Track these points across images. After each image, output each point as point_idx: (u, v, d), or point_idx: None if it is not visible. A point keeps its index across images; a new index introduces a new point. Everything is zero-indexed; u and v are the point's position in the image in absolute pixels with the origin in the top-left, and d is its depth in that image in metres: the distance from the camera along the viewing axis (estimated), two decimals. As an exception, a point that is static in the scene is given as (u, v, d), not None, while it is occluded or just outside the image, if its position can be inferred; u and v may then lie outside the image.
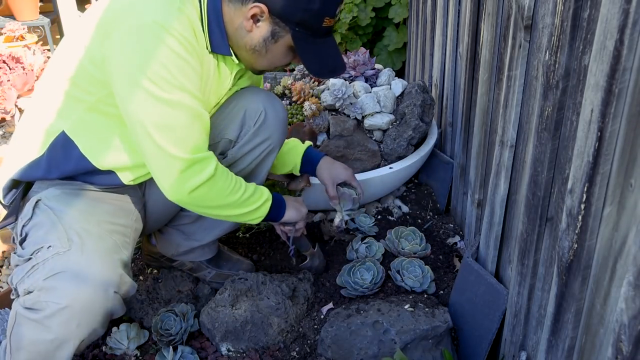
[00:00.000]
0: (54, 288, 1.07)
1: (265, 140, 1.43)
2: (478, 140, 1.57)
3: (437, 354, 1.39)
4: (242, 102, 1.41)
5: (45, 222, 1.17)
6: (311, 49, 1.26)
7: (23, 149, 1.26)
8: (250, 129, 1.41)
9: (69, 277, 1.08)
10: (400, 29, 2.88)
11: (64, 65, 1.21)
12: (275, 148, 1.47)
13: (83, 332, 1.11)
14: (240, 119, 1.40)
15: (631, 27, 0.73)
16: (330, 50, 1.29)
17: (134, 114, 1.14)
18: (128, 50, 1.10)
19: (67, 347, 1.10)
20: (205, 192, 1.23)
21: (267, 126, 1.42)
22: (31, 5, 3.44)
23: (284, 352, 1.45)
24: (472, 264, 1.44)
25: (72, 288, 1.08)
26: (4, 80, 2.23)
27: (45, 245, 1.13)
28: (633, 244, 0.75)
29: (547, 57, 1.02)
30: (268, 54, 1.28)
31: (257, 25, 1.23)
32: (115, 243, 1.21)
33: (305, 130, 1.84)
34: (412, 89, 1.96)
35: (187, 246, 1.57)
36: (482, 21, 1.50)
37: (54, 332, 1.07)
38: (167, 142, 1.15)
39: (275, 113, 1.43)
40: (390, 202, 2.01)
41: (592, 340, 0.90)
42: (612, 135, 0.79)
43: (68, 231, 1.15)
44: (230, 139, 1.42)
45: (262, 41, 1.25)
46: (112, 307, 1.15)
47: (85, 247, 1.13)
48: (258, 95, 1.43)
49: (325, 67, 1.30)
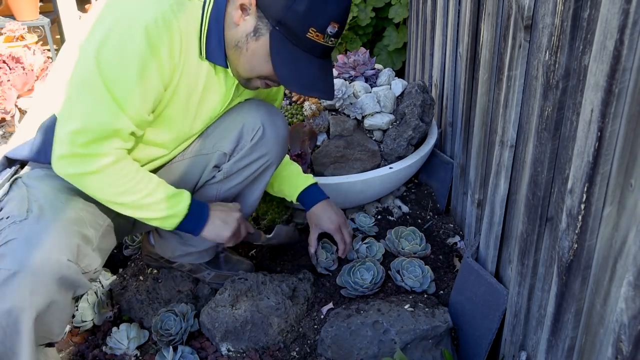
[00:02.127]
0: (5, 255, 1.06)
1: (262, 156, 1.39)
2: (478, 140, 1.57)
3: (437, 354, 1.39)
4: (241, 116, 1.37)
5: (17, 196, 1.17)
6: (287, 56, 1.16)
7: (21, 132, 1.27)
8: (246, 144, 1.37)
9: (20, 244, 1.07)
10: (400, 29, 2.88)
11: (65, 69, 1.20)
12: (272, 165, 1.43)
13: (38, 301, 1.08)
14: (237, 133, 1.37)
15: (631, 27, 0.73)
16: (312, 68, 1.18)
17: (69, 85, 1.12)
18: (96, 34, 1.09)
19: (25, 316, 1.07)
20: (82, 183, 1.17)
21: (265, 143, 1.38)
22: (31, 5, 3.45)
23: (284, 352, 1.45)
24: (472, 264, 1.44)
25: (22, 253, 1.06)
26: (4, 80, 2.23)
27: (5, 217, 1.13)
28: (633, 244, 0.75)
29: (547, 57, 1.02)
30: (248, 52, 1.19)
31: (245, 18, 1.17)
32: (81, 218, 1.18)
33: (305, 130, 1.84)
34: (412, 89, 1.96)
35: (183, 251, 1.56)
36: (482, 21, 1.50)
37: (9, 301, 1.05)
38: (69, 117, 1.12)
39: (275, 130, 1.38)
40: (390, 202, 2.01)
41: (592, 340, 0.90)
42: (612, 135, 0.79)
43: (32, 203, 1.14)
44: (224, 152, 1.39)
45: (244, 36, 1.18)
46: (69, 277, 1.12)
47: (43, 217, 1.12)
48: (258, 110, 1.38)
49: (299, 79, 1.18)
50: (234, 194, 1.46)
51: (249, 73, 1.23)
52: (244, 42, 1.18)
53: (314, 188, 1.57)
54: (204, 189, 1.45)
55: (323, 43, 1.15)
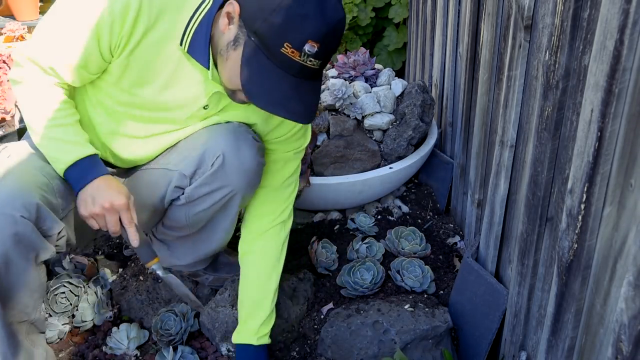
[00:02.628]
0: None
1: (223, 187, 1.29)
2: (478, 140, 1.57)
3: (437, 354, 1.39)
4: (204, 139, 1.29)
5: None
6: (257, 68, 1.09)
7: None
8: (206, 170, 1.28)
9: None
10: (400, 29, 2.88)
11: None
12: (236, 197, 1.32)
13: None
14: (198, 158, 1.28)
15: (631, 27, 0.73)
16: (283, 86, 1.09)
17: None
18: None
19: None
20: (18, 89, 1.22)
21: (225, 173, 1.27)
22: (31, 5, 3.44)
23: (284, 352, 1.45)
24: (472, 264, 1.44)
25: None
26: (4, 80, 2.23)
27: None
28: (633, 244, 0.75)
29: (547, 57, 1.02)
30: (228, 62, 1.13)
31: (229, 27, 1.12)
32: (47, 183, 1.17)
33: (305, 130, 1.84)
34: (412, 89, 1.96)
35: (169, 263, 1.52)
36: (482, 21, 1.50)
37: None
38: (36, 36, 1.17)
39: (238, 160, 1.27)
40: (390, 202, 2.01)
41: (592, 340, 0.90)
42: (612, 135, 0.79)
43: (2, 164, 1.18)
44: (184, 174, 1.30)
45: (226, 44, 1.13)
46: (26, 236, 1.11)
47: (7, 176, 1.14)
48: (224, 136, 1.27)
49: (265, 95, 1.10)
50: (206, 218, 1.38)
51: (228, 84, 1.17)
52: (225, 50, 1.13)
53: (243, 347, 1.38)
54: (173, 208, 1.38)
55: (299, 61, 1.06)
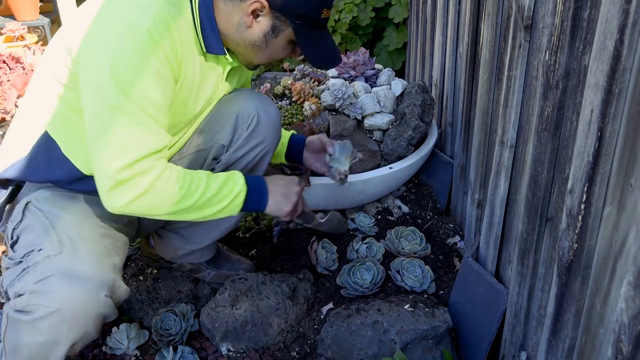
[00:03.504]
0: (45, 291, 1.07)
1: (259, 144, 1.41)
2: (478, 140, 1.57)
3: (437, 354, 1.39)
4: (234, 107, 1.39)
5: (36, 224, 1.17)
6: (311, 41, 1.28)
7: (11, 148, 1.25)
8: (243, 133, 1.39)
9: (60, 281, 1.08)
10: (400, 29, 2.88)
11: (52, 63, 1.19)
12: (269, 151, 1.45)
13: (74, 335, 1.11)
14: (233, 124, 1.39)
15: (631, 27, 0.73)
16: (327, 41, 1.32)
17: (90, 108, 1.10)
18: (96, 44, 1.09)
19: (58, 349, 1.10)
20: (143, 205, 1.14)
21: (260, 130, 1.40)
22: (31, 5, 3.44)
23: (284, 352, 1.45)
24: (472, 264, 1.44)
25: (63, 292, 1.08)
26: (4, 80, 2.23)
27: (36, 249, 1.12)
28: (633, 244, 0.75)
29: (547, 57, 1.02)
30: (268, 48, 1.29)
31: (257, 20, 1.23)
32: (107, 247, 1.20)
33: (305, 130, 1.84)
34: (412, 89, 1.96)
35: (186, 249, 1.56)
36: (482, 21, 1.50)
37: (45, 335, 1.07)
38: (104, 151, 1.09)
39: (268, 116, 1.41)
40: (390, 202, 2.01)
41: (592, 340, 0.90)
42: (612, 135, 0.79)
43: (60, 234, 1.14)
44: (223, 144, 1.40)
45: (262, 36, 1.26)
46: (104, 311, 1.15)
47: (77, 250, 1.13)
48: (251, 99, 1.41)
49: (325, 58, 1.33)
50: None
51: (266, 61, 1.35)
52: (262, 41, 1.27)
53: (292, 137, 1.60)
54: None
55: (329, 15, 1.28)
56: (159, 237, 1.57)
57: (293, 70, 2.24)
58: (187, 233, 1.54)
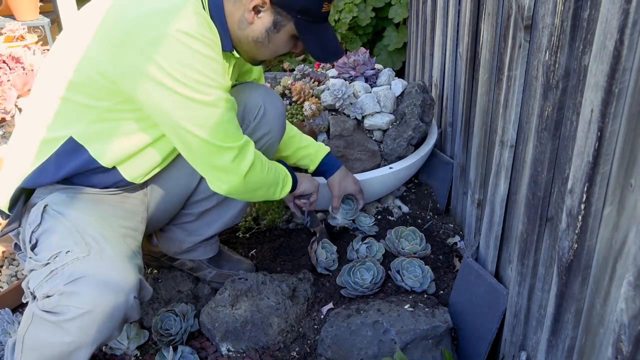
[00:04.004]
0: (76, 293, 1.07)
1: (266, 134, 1.46)
2: (478, 140, 1.57)
3: (437, 354, 1.39)
4: (241, 98, 1.42)
5: (58, 227, 1.17)
6: (313, 35, 1.29)
7: (25, 156, 1.23)
8: (250, 123, 1.43)
9: (91, 283, 1.08)
10: (400, 29, 2.88)
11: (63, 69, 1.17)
12: (275, 142, 1.50)
13: (101, 337, 1.11)
14: (240, 115, 1.41)
15: (631, 27, 0.73)
16: (329, 35, 1.33)
17: (179, 120, 1.16)
18: (159, 62, 1.10)
19: (83, 351, 1.10)
20: (254, 173, 1.31)
21: (267, 121, 1.44)
22: (31, 5, 3.44)
23: (284, 352, 1.45)
24: (472, 264, 1.44)
25: (96, 293, 1.08)
26: (4, 80, 2.23)
27: (63, 251, 1.12)
28: (633, 244, 0.75)
29: (547, 57, 1.02)
30: (271, 44, 1.30)
31: (259, 16, 1.24)
32: (130, 248, 1.22)
33: (305, 130, 1.84)
34: (412, 89, 1.96)
35: (190, 242, 1.57)
36: (482, 21, 1.50)
37: (73, 336, 1.07)
38: (216, 138, 1.21)
39: (274, 107, 1.46)
40: (390, 202, 2.01)
41: (592, 340, 0.90)
42: (612, 135, 0.79)
43: (84, 236, 1.15)
44: None
45: (264, 32, 1.27)
46: (131, 314, 1.15)
47: (104, 252, 1.14)
48: (257, 91, 1.46)
49: (326, 51, 1.33)
50: None
51: (269, 57, 1.37)
52: (264, 37, 1.28)
53: (330, 157, 1.68)
54: None
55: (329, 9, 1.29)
56: (162, 232, 1.58)
57: (293, 70, 2.24)
58: (191, 227, 1.55)
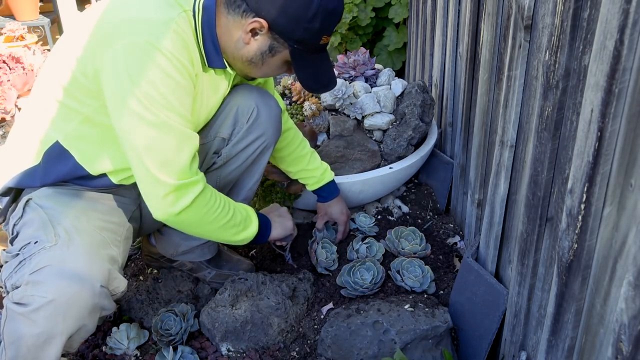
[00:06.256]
0: (39, 282, 1.08)
1: (259, 137, 1.44)
2: (478, 140, 1.57)
3: (437, 354, 1.39)
4: (234, 100, 1.42)
5: (35, 219, 1.18)
6: (307, 64, 1.28)
7: (17, 156, 1.26)
8: (243, 126, 1.42)
9: (54, 271, 1.08)
10: (400, 29, 2.88)
11: (58, 71, 1.20)
12: (270, 145, 1.48)
13: (70, 327, 1.10)
14: (233, 117, 1.41)
15: (631, 27, 0.73)
16: (323, 65, 1.31)
17: (124, 132, 1.14)
18: (119, 69, 1.09)
19: (54, 342, 1.09)
20: (190, 216, 1.23)
21: (260, 123, 1.43)
22: (31, 5, 3.45)
23: (284, 352, 1.45)
24: (472, 264, 1.44)
25: (57, 281, 1.08)
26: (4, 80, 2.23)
27: (32, 241, 1.13)
28: (633, 244, 0.75)
29: (547, 57, 1.02)
30: (264, 66, 1.29)
31: (255, 38, 1.23)
32: (104, 239, 1.21)
33: (305, 130, 1.84)
34: (412, 89, 1.96)
35: (186, 246, 1.57)
36: (482, 21, 1.50)
37: (40, 326, 1.07)
38: (153, 164, 1.15)
39: (268, 110, 1.44)
40: (390, 202, 2.01)
41: (592, 340, 0.90)
42: (612, 135, 0.79)
43: (56, 227, 1.16)
44: (223, 137, 1.42)
45: (259, 54, 1.26)
46: (100, 302, 1.14)
47: (72, 241, 1.14)
48: (250, 93, 1.44)
49: (318, 82, 1.33)
50: (234, 179, 1.49)
51: (262, 77, 1.38)
52: (258, 59, 1.27)
53: (332, 184, 1.69)
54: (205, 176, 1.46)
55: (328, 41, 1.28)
56: (160, 233, 1.58)
57: (293, 70, 2.24)
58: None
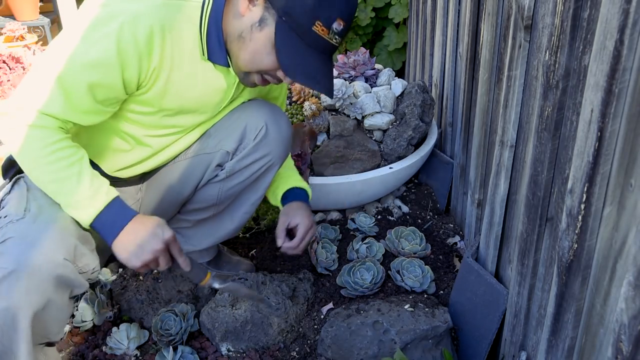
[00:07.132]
0: (2, 253, 1.07)
1: (265, 155, 1.39)
2: (478, 140, 1.57)
3: (437, 354, 1.39)
4: (244, 115, 1.38)
5: (16, 195, 1.18)
6: (291, 47, 1.15)
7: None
8: (249, 142, 1.38)
9: (16, 243, 1.07)
10: (400, 29, 2.88)
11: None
12: (275, 164, 1.43)
13: (34, 300, 1.08)
14: (240, 132, 1.37)
15: (631, 27, 0.73)
16: (316, 63, 1.17)
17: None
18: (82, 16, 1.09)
19: (21, 316, 1.07)
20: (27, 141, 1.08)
21: (268, 142, 1.38)
22: (31, 5, 3.44)
23: (284, 352, 1.45)
24: (472, 264, 1.44)
25: (18, 252, 1.06)
26: (4, 80, 2.23)
27: (2, 215, 1.13)
28: (633, 244, 0.75)
29: (547, 57, 1.02)
30: (251, 43, 1.16)
31: (251, 8, 1.15)
32: None
33: (305, 130, 1.84)
34: (412, 89, 1.96)
35: (185, 250, 1.55)
36: (482, 21, 1.50)
37: (5, 300, 1.05)
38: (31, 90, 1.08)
39: (278, 129, 1.38)
40: (390, 202, 2.01)
41: (592, 340, 0.90)
42: (612, 135, 0.79)
43: (30, 202, 1.15)
44: (227, 151, 1.39)
45: (249, 26, 1.16)
46: (66, 276, 1.11)
47: (40, 216, 1.12)
48: (261, 110, 1.38)
49: (302, 68, 1.17)
50: (236, 193, 1.46)
51: (250, 66, 1.20)
52: (248, 32, 1.16)
53: (301, 191, 1.51)
54: (206, 187, 1.44)
55: (327, 39, 1.14)
56: None
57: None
58: (187, 233, 1.54)
